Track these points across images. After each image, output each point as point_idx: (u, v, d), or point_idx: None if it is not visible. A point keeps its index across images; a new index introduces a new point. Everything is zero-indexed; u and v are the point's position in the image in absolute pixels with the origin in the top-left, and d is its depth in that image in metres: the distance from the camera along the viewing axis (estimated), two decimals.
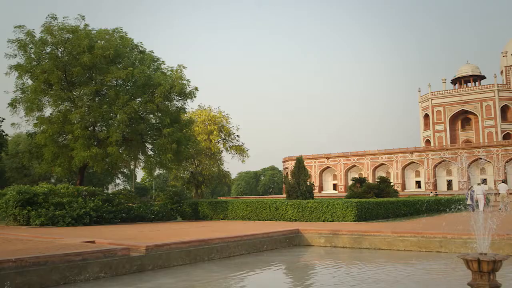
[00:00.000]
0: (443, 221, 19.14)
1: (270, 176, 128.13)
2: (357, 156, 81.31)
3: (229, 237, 11.58)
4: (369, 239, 12.92)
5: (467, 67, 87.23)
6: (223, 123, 47.76)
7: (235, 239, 11.66)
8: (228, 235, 11.81)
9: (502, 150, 69.71)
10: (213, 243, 10.93)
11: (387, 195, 46.66)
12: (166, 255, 9.69)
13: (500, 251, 11.16)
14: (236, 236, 11.82)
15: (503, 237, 11.34)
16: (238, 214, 21.41)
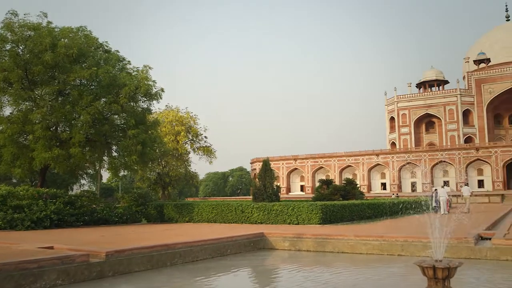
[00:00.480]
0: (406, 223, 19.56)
1: (238, 177, 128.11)
2: (324, 158, 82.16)
3: (193, 242, 11.47)
4: (332, 243, 13.03)
5: (431, 72, 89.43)
6: (190, 124, 47.47)
7: (199, 244, 11.56)
8: (192, 240, 11.70)
9: (463, 153, 71.71)
10: (176, 247, 10.80)
11: (353, 197, 47.34)
12: (127, 261, 9.51)
13: (458, 254, 11.45)
14: (199, 240, 11.72)
15: (461, 240, 11.62)
16: (204, 217, 21.27)
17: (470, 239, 11.49)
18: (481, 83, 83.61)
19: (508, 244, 11.03)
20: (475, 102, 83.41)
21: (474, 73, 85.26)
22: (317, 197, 47.94)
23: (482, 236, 12.83)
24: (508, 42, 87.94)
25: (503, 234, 12.47)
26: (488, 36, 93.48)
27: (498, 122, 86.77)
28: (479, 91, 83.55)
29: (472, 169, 71.89)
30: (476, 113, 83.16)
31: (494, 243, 11.27)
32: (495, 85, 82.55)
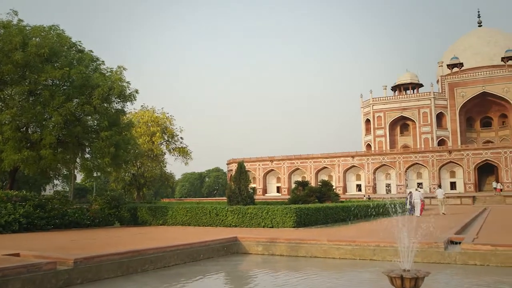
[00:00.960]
0: (379, 227, 19.72)
1: (214, 177, 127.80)
2: (301, 159, 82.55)
3: (165, 247, 11.32)
4: (305, 247, 13.04)
5: (406, 75, 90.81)
6: (166, 125, 47.08)
7: (171, 249, 11.42)
8: (164, 245, 11.54)
9: (437, 155, 73.01)
10: (147, 253, 10.64)
11: (328, 199, 47.65)
12: (96, 268, 9.31)
13: (428, 258, 11.59)
14: (172, 245, 11.58)
15: (431, 245, 11.75)
16: (178, 220, 21.07)
17: (440, 244, 11.64)
18: (454, 87, 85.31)
19: (476, 249, 11.21)
20: (448, 106, 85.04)
21: (447, 77, 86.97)
22: (293, 198, 48.08)
23: (452, 240, 13.00)
24: (479, 47, 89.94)
25: (472, 239, 12.66)
26: (461, 41, 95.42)
27: (470, 125, 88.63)
28: (452, 94, 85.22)
29: (445, 171, 73.24)
30: (449, 116, 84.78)
31: (463, 248, 11.44)
32: (467, 89, 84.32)
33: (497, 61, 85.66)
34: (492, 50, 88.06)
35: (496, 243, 11.44)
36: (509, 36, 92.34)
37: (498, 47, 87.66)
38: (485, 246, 11.17)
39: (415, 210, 27.90)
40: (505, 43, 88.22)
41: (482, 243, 11.44)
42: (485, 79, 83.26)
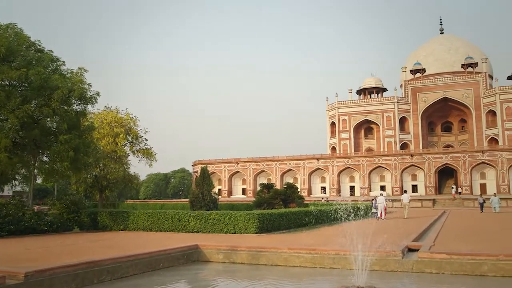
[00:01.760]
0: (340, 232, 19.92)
1: (180, 178, 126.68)
2: (266, 161, 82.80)
3: (122, 257, 11.06)
4: (266, 256, 13.02)
5: (371, 79, 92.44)
6: (130, 126, 46.24)
7: (129, 259, 11.17)
8: (121, 255, 11.29)
9: (399, 159, 74.59)
10: (104, 264, 10.37)
11: (293, 201, 47.94)
12: (49, 281, 8.99)
13: (387, 267, 11.76)
14: (130, 255, 11.33)
15: (389, 253, 11.92)
16: (139, 225, 20.74)
17: (398, 252, 11.81)
18: (417, 92, 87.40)
19: (431, 257, 11.44)
20: (411, 110, 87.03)
21: (410, 82, 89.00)
22: (258, 201, 48.14)
23: (410, 248, 13.23)
24: (441, 54, 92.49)
25: (428, 247, 12.93)
26: (424, 47, 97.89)
27: (432, 130, 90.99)
28: (415, 99, 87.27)
29: (407, 174, 74.89)
30: (412, 120, 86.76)
31: (420, 256, 11.65)
32: (429, 94, 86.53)
33: (458, 68, 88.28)
34: (452, 57, 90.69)
35: (450, 251, 11.72)
36: (469, 44, 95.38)
37: (458, 54, 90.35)
38: (441, 255, 11.41)
39: (379, 213, 29.62)
40: (465, 50, 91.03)
41: (437, 252, 11.69)
42: (446, 85, 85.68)
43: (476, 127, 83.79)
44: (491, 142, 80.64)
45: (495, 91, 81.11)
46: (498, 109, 80.00)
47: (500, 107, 79.81)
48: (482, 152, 71.09)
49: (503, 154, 69.75)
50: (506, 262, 10.72)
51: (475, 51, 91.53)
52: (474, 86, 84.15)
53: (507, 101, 79.56)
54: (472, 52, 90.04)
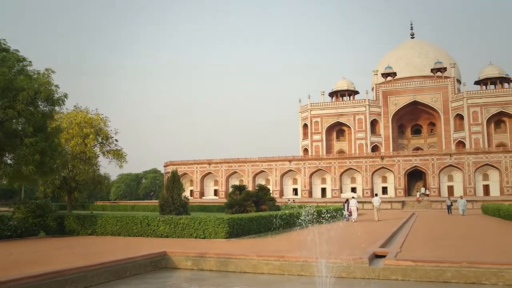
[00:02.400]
0: (310, 237, 20.02)
1: (152, 179, 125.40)
2: (239, 162, 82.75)
3: (87, 266, 10.84)
4: (235, 263, 12.97)
5: (343, 82, 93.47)
6: (100, 126, 45.50)
7: (94, 267, 10.96)
8: (86, 264, 11.06)
9: (370, 161, 75.64)
10: (67, 274, 10.14)
11: (264, 203, 47.96)
12: None
13: (354, 274, 11.86)
14: (95, 264, 11.12)
15: (356, 260, 12.02)
16: (107, 229, 20.40)
17: (365, 259, 11.93)
18: (388, 95, 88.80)
19: (397, 264, 11.61)
20: (382, 113, 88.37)
21: (381, 85, 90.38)
22: (230, 202, 48.01)
23: (377, 254, 13.39)
24: (411, 58, 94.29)
25: (395, 253, 13.11)
26: (395, 51, 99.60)
27: (402, 132, 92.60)
28: (386, 102, 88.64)
29: (377, 176, 75.97)
30: (383, 123, 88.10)
31: (386, 263, 11.80)
32: (399, 98, 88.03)
33: (427, 72, 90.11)
34: (423, 61, 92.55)
35: (415, 258, 11.91)
36: (438, 49, 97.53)
37: (428, 59, 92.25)
38: (406, 262, 11.59)
39: (352, 216, 30.74)
40: (435, 55, 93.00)
41: (403, 259, 11.86)
42: (416, 88, 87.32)
43: (444, 130, 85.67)
44: (458, 145, 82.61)
45: (462, 95, 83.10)
46: (465, 113, 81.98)
47: (467, 111, 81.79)
48: (450, 155, 72.73)
49: (469, 157, 71.52)
50: (469, 269, 10.96)
51: (444, 56, 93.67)
52: (443, 90, 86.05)
53: (474, 105, 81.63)
54: (441, 57, 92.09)
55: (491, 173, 71.52)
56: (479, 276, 10.80)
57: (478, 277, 10.80)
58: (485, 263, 11.09)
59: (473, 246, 15.52)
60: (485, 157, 71.05)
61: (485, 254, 13.21)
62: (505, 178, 69.45)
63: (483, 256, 12.95)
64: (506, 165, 69.66)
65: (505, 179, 69.41)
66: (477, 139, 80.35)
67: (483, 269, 10.86)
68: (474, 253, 13.60)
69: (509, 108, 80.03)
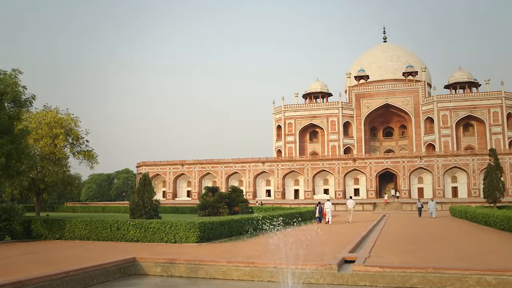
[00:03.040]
0: (282, 241, 20.07)
1: (124, 179, 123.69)
2: (212, 164, 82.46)
3: (52, 274, 10.59)
4: (205, 269, 12.91)
5: (316, 84, 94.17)
6: (71, 126, 44.65)
7: (60, 276, 10.72)
8: (51, 272, 10.80)
9: (342, 163, 76.41)
10: (31, 283, 9.89)
11: (237, 205, 47.94)
12: None
13: (323, 280, 11.94)
14: (60, 272, 10.87)
15: (326, 266, 12.12)
16: (76, 234, 20.02)
17: (334, 265, 12.04)
18: (360, 97, 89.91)
19: (365, 270, 11.75)
20: (355, 115, 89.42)
21: (354, 88, 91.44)
22: (202, 204, 47.88)
23: (346, 259, 13.51)
24: (383, 61, 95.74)
25: (364, 258, 13.26)
26: (368, 54, 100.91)
27: (374, 135, 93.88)
28: (358, 105, 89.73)
29: (349, 178, 76.80)
30: (355, 125, 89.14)
31: (355, 269, 11.93)
32: (372, 101, 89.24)
33: (399, 76, 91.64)
34: (395, 65, 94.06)
35: (383, 264, 12.08)
36: (410, 53, 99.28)
37: (400, 63, 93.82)
38: (374, 268, 11.74)
39: (327, 218, 31.40)
40: (406, 59, 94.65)
41: (371, 265, 12.01)
42: (388, 91, 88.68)
43: (415, 133, 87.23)
44: (428, 148, 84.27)
45: (433, 99, 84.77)
46: (435, 116, 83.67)
47: (437, 115, 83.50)
48: (420, 158, 74.10)
49: (439, 160, 73.05)
50: (434, 275, 11.18)
51: (415, 60, 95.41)
52: (414, 93, 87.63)
53: (444, 109, 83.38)
54: (412, 61, 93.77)
55: (459, 175, 73.20)
56: (444, 281, 11.02)
57: (443, 282, 11.02)
58: (449, 268, 11.33)
59: (440, 250, 15.82)
60: (453, 160, 72.68)
61: (450, 259, 13.49)
62: (473, 181, 71.18)
63: (449, 260, 13.23)
64: (473, 168, 71.41)
65: (473, 182, 71.14)
66: (447, 142, 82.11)
67: (448, 275, 11.09)
68: (441, 257, 13.86)
69: (477, 112, 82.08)
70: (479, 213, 29.72)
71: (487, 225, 27.26)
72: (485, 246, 17.03)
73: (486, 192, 41.56)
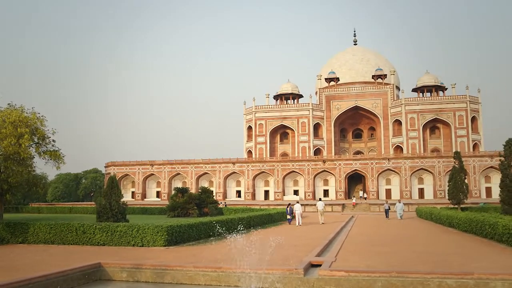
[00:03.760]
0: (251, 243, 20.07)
1: (92, 179, 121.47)
2: (182, 164, 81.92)
3: (12, 282, 10.32)
4: (171, 274, 12.83)
5: (287, 85, 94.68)
6: (37, 126, 43.61)
7: (21, 284, 10.47)
8: (12, 280, 10.53)
9: (312, 164, 77.08)
10: None
11: (206, 206, 47.77)
12: None
13: (289, 285, 12.02)
14: (22, 280, 10.61)
15: (292, 271, 12.20)
16: (40, 237, 19.59)
17: (300, 270, 12.13)
18: (331, 99, 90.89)
19: (331, 275, 11.88)
20: (325, 117, 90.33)
21: (325, 90, 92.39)
22: (172, 205, 47.57)
23: (313, 263, 13.63)
24: (354, 64, 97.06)
25: (330, 262, 13.41)
26: (338, 57, 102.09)
27: (344, 136, 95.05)
28: (329, 106, 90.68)
29: (319, 179, 77.53)
30: (325, 127, 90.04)
31: (320, 274, 12.05)
32: (342, 102, 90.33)
33: (369, 78, 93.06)
34: (364, 68, 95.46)
35: (348, 268, 12.24)
36: (379, 56, 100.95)
37: (369, 65, 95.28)
38: (339, 272, 11.89)
39: (297, 220, 32.08)
40: (376, 62, 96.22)
41: (337, 269, 12.15)
42: (357, 94, 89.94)
43: (383, 135, 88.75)
44: (396, 150, 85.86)
45: (401, 102, 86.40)
46: (403, 119, 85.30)
47: (405, 117, 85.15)
48: (388, 160, 75.44)
49: (406, 161, 74.54)
50: (397, 279, 11.41)
51: (384, 63, 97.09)
52: (383, 96, 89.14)
53: (411, 112, 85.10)
54: (382, 64, 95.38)
55: (426, 177, 74.87)
56: (407, 285, 11.26)
57: (406, 286, 11.26)
58: (412, 272, 11.59)
59: (405, 253, 16.14)
60: (420, 162, 74.29)
61: (414, 262, 13.77)
62: (438, 182, 72.91)
63: (413, 263, 13.50)
64: (439, 170, 73.15)
65: (438, 183, 72.86)
66: (414, 144, 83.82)
67: (411, 279, 11.34)
68: (405, 260, 14.13)
69: (443, 115, 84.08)
70: (443, 215, 30.47)
71: (451, 226, 27.95)
72: (448, 249, 17.47)
73: (451, 194, 42.60)
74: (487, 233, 20.32)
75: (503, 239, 18.21)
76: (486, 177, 73.30)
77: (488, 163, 72.01)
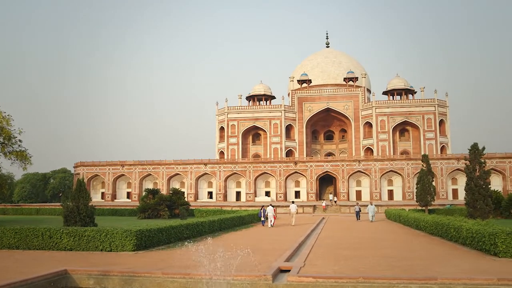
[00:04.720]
0: (221, 247, 20.03)
1: (60, 179, 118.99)
2: (153, 165, 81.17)
3: None
4: (139, 280, 12.69)
5: (260, 86, 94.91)
6: (3, 125, 42.52)
7: None
8: None
9: (284, 166, 77.51)
10: None
11: (177, 207, 47.47)
12: None
13: None
14: None
15: (260, 277, 12.24)
16: (4, 242, 19.06)
17: (268, 276, 12.17)
18: (303, 101, 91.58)
19: (299, 281, 11.97)
20: (297, 118, 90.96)
21: (297, 91, 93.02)
22: (142, 206, 47.11)
23: (282, 269, 13.70)
24: (325, 66, 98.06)
25: (298, 268, 13.52)
26: (311, 59, 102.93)
27: (315, 138, 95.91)
28: (301, 108, 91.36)
29: (290, 180, 78.02)
30: (297, 128, 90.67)
31: (289, 280, 12.13)
32: (314, 104, 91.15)
33: (340, 81, 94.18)
34: (336, 70, 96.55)
35: (316, 274, 12.37)
36: (351, 59, 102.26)
37: (341, 68, 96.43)
38: (308, 278, 11.99)
39: (269, 222, 33.10)
40: (347, 65, 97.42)
41: (305, 275, 12.25)
42: (329, 96, 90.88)
43: (354, 137, 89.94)
44: (367, 152, 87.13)
45: (372, 104, 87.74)
46: (374, 121, 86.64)
47: (375, 120, 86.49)
48: (359, 162, 76.50)
49: (376, 163, 75.73)
50: (364, 284, 11.58)
51: (356, 66, 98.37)
52: (354, 99, 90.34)
53: (382, 114, 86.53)
54: (353, 67, 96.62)
55: (395, 179, 76.24)
56: None
57: None
58: (378, 278, 11.79)
59: (372, 257, 16.37)
60: (390, 164, 75.60)
61: (382, 267, 14.00)
62: (407, 184, 74.33)
63: (380, 268, 13.72)
64: (408, 172, 74.60)
65: (407, 185, 74.29)
66: (384, 146, 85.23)
67: (377, 284, 11.53)
68: (372, 265, 14.35)
69: (412, 118, 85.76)
70: (411, 217, 31.08)
71: (418, 229, 28.52)
72: (414, 252, 17.83)
73: (419, 196, 43.52)
74: (452, 236, 20.83)
75: (467, 243, 18.72)
76: (453, 179, 75.15)
77: (455, 165, 73.82)
